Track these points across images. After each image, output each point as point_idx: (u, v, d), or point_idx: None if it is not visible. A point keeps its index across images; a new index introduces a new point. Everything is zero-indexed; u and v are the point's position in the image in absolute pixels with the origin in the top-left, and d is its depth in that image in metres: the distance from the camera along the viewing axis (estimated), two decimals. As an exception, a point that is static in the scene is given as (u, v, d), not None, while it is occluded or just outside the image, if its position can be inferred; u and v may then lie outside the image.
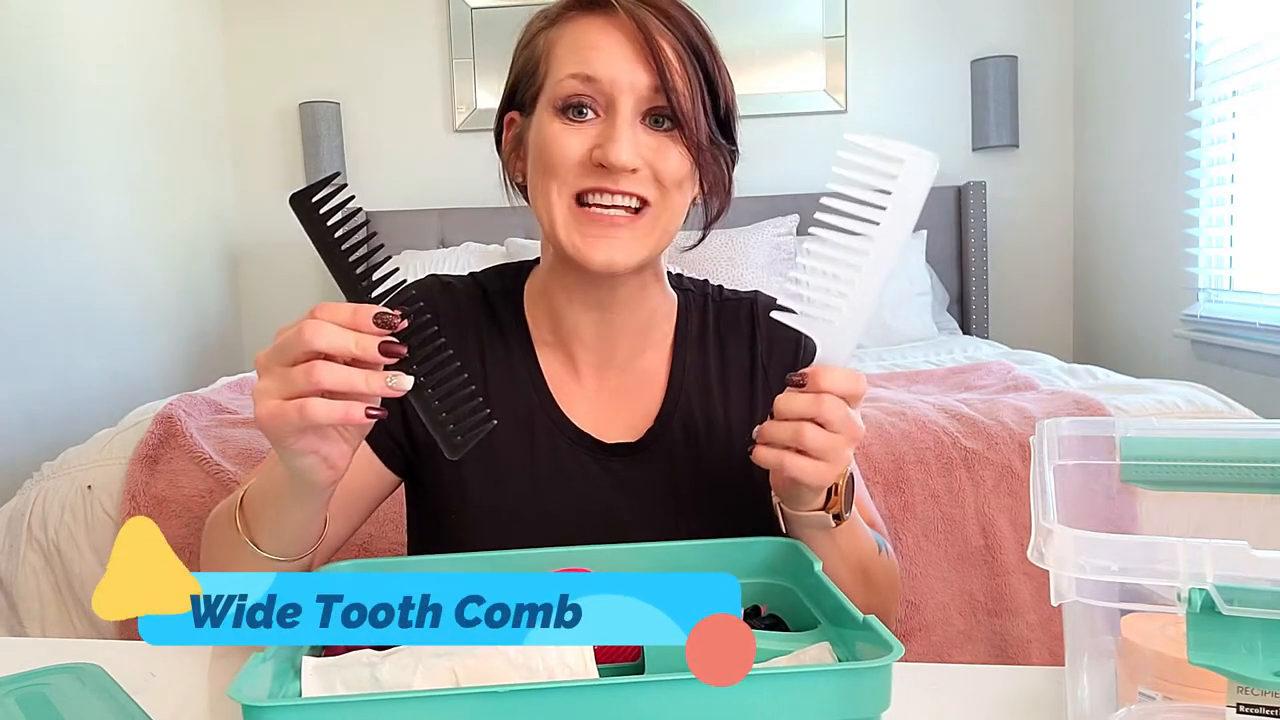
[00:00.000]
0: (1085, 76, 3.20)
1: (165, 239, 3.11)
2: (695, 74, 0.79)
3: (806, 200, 3.20)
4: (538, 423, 0.86)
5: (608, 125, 0.77)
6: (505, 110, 0.88)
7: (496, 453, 0.84)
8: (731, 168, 0.88)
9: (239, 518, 0.73)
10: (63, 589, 1.59)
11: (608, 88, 0.77)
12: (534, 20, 0.85)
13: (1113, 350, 3.03)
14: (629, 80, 0.77)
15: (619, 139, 0.76)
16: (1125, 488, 0.63)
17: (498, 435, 0.82)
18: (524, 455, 0.85)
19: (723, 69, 0.83)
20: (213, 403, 1.89)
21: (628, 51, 0.78)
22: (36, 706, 0.65)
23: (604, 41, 0.78)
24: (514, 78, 0.86)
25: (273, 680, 0.56)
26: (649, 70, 0.77)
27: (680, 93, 0.78)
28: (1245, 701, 0.46)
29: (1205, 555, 0.45)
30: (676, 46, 0.79)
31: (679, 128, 0.79)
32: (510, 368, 0.88)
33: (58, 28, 2.62)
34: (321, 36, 3.48)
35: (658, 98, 0.78)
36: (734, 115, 0.86)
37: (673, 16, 0.80)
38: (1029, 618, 1.51)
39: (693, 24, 0.81)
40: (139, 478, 1.58)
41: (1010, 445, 1.55)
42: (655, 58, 0.77)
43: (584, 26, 0.80)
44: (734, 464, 0.84)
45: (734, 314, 0.93)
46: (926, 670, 0.71)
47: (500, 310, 0.90)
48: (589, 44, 0.79)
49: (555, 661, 0.55)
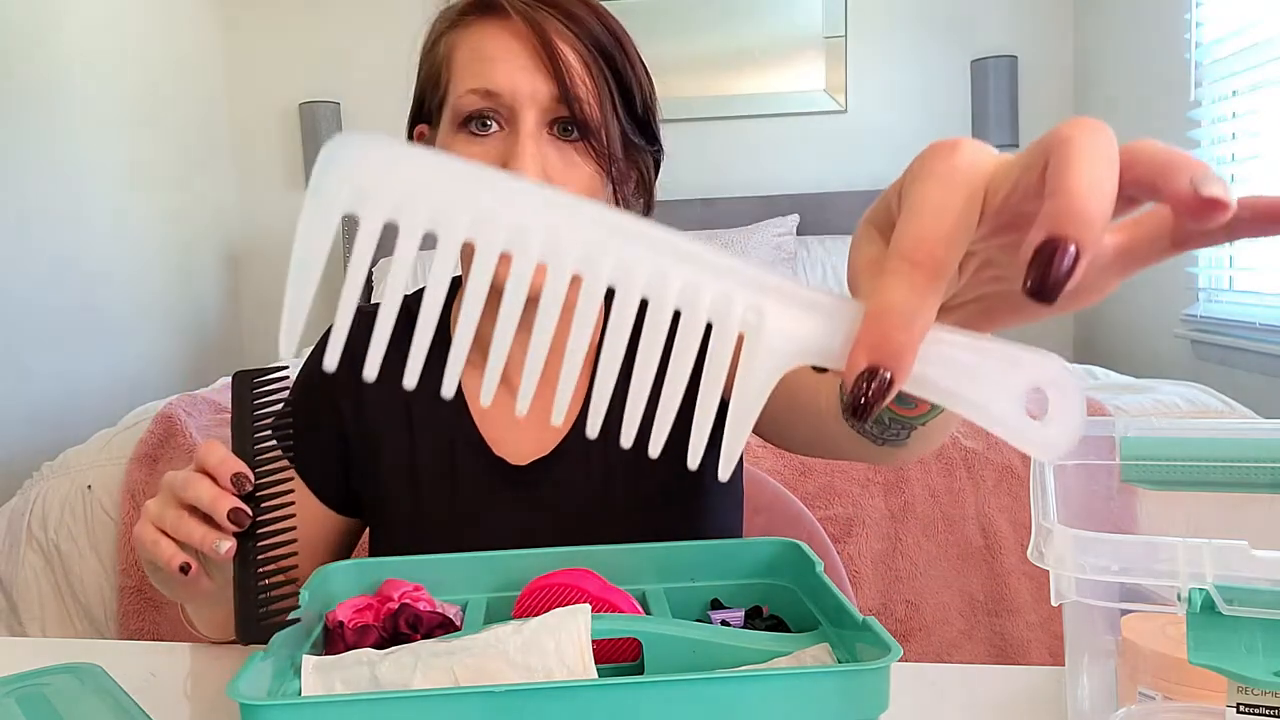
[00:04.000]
0: (1085, 77, 3.20)
1: (165, 239, 3.11)
2: (602, 76, 0.75)
3: (806, 200, 3.20)
4: (457, 444, 0.85)
5: (510, 140, 0.74)
6: (414, 122, 0.84)
7: (419, 472, 0.85)
8: (656, 169, 0.84)
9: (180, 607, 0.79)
10: (62, 589, 1.59)
11: (508, 100, 0.74)
12: (436, 20, 0.82)
13: (1113, 350, 3.03)
14: (529, 91, 0.73)
15: (520, 154, 0.72)
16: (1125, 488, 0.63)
17: (420, 454, 0.85)
18: (443, 475, 0.84)
19: (637, 65, 0.79)
20: (212, 402, 1.90)
21: (525, 60, 0.74)
22: (36, 707, 0.65)
23: (500, 51, 0.74)
24: (420, 87, 0.82)
25: (272, 679, 0.56)
26: (549, 78, 0.73)
27: (584, 100, 0.74)
28: (1245, 701, 0.46)
29: (1205, 555, 0.45)
30: (579, 48, 0.75)
31: (584, 138, 0.75)
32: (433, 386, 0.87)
33: (58, 27, 2.62)
34: (322, 37, 3.48)
35: (561, 107, 0.74)
36: (654, 113, 0.81)
37: (575, 15, 0.75)
38: (1029, 617, 1.51)
39: (599, 20, 0.76)
40: (139, 477, 1.58)
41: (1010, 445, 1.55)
42: (555, 64, 0.73)
43: (480, 34, 0.76)
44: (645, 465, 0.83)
45: None
46: (926, 670, 0.71)
47: None
48: (486, 54, 0.75)
49: (554, 661, 0.55)
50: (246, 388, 0.65)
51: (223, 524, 0.61)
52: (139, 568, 1.55)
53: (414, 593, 0.66)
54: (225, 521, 0.61)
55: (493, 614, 0.67)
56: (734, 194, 3.26)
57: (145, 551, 0.66)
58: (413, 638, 0.62)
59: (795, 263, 2.96)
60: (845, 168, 3.33)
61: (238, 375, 0.65)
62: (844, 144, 3.34)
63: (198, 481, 0.62)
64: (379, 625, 0.64)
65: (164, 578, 0.69)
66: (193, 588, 0.68)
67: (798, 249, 3.01)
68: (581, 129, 0.75)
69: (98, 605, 1.57)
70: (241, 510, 0.62)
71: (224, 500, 0.61)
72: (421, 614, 0.64)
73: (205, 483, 0.62)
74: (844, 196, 3.21)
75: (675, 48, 3.29)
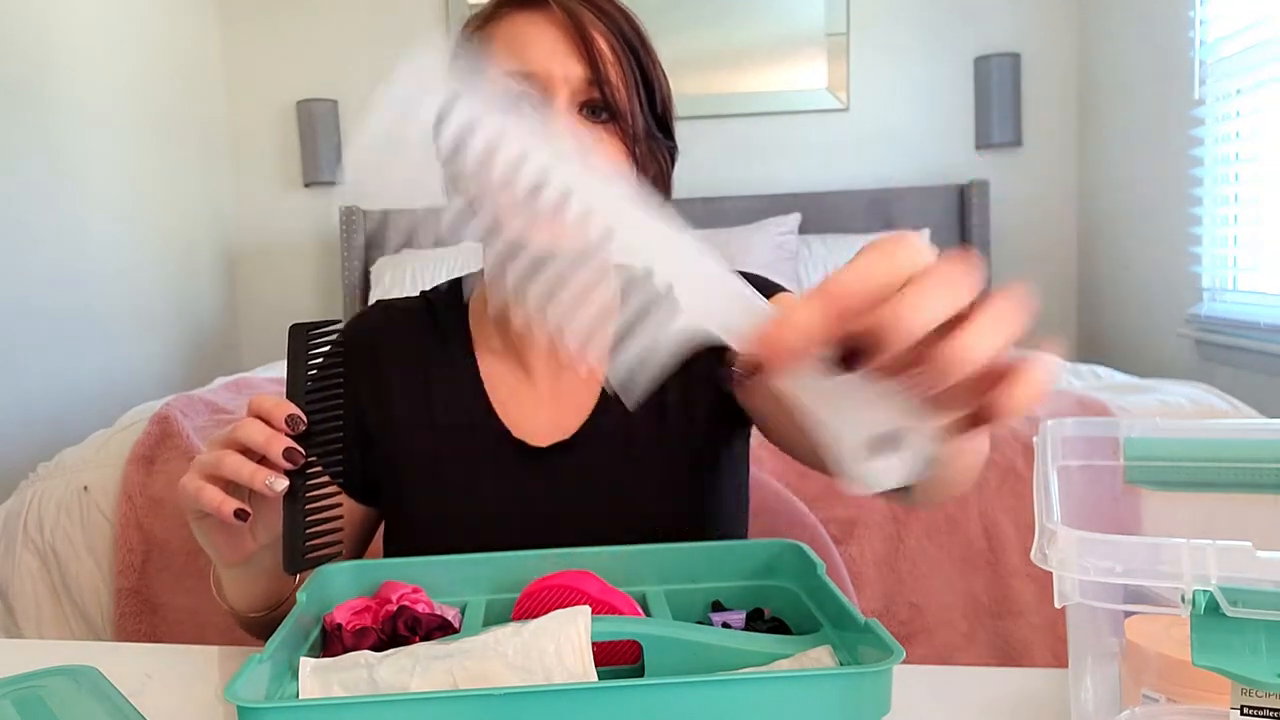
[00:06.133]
0: (1089, 74, 3.19)
1: (162, 238, 3.11)
2: (630, 67, 0.80)
3: (808, 199, 3.19)
4: (477, 430, 0.87)
5: None
6: None
7: (438, 461, 0.87)
8: (672, 164, 0.88)
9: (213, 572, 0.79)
10: (59, 590, 1.59)
11: (543, 81, 0.78)
12: (465, 28, 0.86)
13: (1117, 350, 3.03)
14: (563, 73, 0.78)
15: None
16: (1129, 489, 0.62)
17: (440, 440, 0.87)
18: (463, 463, 0.86)
19: (658, 65, 0.84)
20: (209, 403, 1.89)
21: (561, 45, 0.78)
22: (32, 709, 0.64)
23: (537, 36, 0.79)
24: None
25: (270, 681, 0.56)
26: (583, 62, 0.78)
27: (614, 85, 0.79)
28: (1249, 703, 0.45)
29: (1209, 556, 0.44)
30: (610, 39, 0.79)
31: (614, 119, 0.80)
32: (453, 378, 0.89)
33: (54, 26, 2.62)
34: (319, 35, 3.48)
35: (592, 90, 0.79)
36: (670, 112, 0.86)
37: (606, 11, 0.80)
38: (1032, 619, 1.50)
39: (626, 19, 0.82)
40: (135, 478, 1.58)
41: (1013, 446, 1.54)
42: (589, 50, 0.78)
43: (517, 23, 0.80)
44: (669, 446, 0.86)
45: None
46: (929, 672, 0.70)
47: (446, 323, 0.92)
48: (522, 40, 0.79)
49: (554, 664, 0.54)
50: (302, 339, 0.68)
51: (277, 462, 0.64)
52: (135, 569, 1.54)
53: (412, 595, 0.66)
54: (280, 459, 0.64)
55: (492, 616, 0.67)
56: (735, 192, 3.26)
57: (191, 501, 0.67)
58: (411, 640, 0.62)
59: (797, 261, 2.96)
60: (847, 166, 3.33)
61: (294, 327, 0.68)
62: (846, 142, 3.33)
63: (251, 424, 0.65)
64: (377, 627, 0.63)
65: (210, 534, 0.71)
66: (239, 545, 0.71)
67: (799, 248, 3.01)
68: (611, 111, 0.79)
69: (94, 607, 1.57)
70: (295, 449, 0.65)
71: (278, 440, 0.65)
72: (420, 616, 0.64)
73: (259, 424, 0.65)
74: (846, 195, 3.20)
75: (677, 45, 3.28)
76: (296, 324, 0.68)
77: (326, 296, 3.56)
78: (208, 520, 0.70)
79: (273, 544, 0.70)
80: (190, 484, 0.67)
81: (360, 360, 0.89)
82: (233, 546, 0.71)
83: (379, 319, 0.93)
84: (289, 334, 0.68)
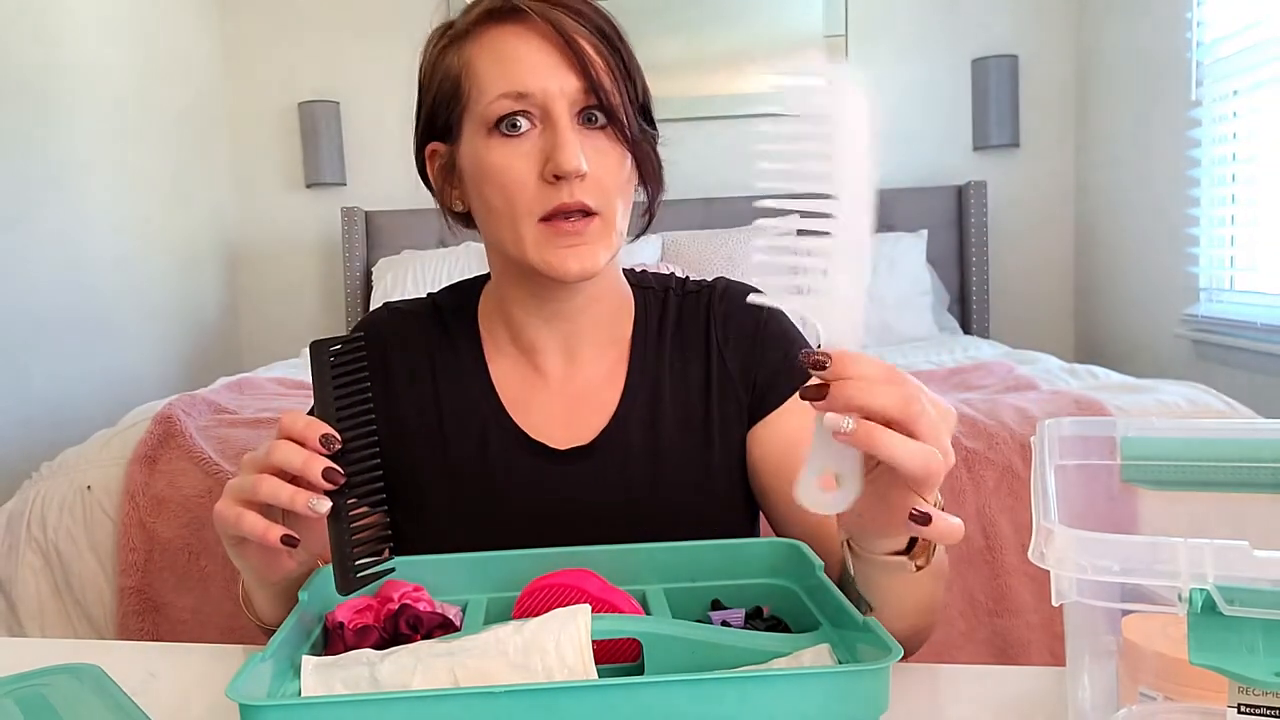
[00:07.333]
0: (1086, 76, 3.20)
1: (164, 238, 3.11)
2: (616, 66, 0.79)
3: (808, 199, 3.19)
4: (490, 433, 0.86)
5: (549, 134, 0.77)
6: (424, 142, 0.86)
7: (452, 464, 0.86)
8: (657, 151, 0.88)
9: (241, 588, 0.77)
10: (62, 589, 1.59)
11: (541, 99, 0.77)
12: (432, 41, 0.84)
13: (1114, 350, 3.03)
14: (559, 87, 0.77)
15: (566, 146, 0.76)
16: (1126, 488, 0.63)
17: (454, 445, 0.87)
18: (478, 466, 0.86)
19: (633, 55, 0.83)
20: (211, 403, 1.89)
21: (550, 58, 0.77)
22: (35, 707, 0.64)
23: (525, 52, 0.77)
24: (429, 106, 0.84)
25: (272, 680, 0.56)
26: (576, 73, 0.77)
27: (609, 90, 0.78)
28: (1246, 702, 0.46)
29: (1206, 555, 0.44)
30: (593, 41, 0.78)
31: (611, 123, 0.79)
32: (462, 381, 0.89)
33: (56, 26, 2.62)
34: (321, 36, 3.48)
35: (589, 98, 0.78)
36: (650, 99, 0.85)
37: (582, 12, 0.79)
38: (1030, 618, 1.51)
39: (598, 13, 0.80)
40: (138, 478, 1.58)
41: (1011, 445, 1.54)
42: (580, 60, 0.77)
43: (499, 39, 0.78)
44: (689, 456, 0.86)
45: (694, 305, 0.91)
46: (927, 671, 0.71)
47: (454, 326, 0.91)
48: (511, 57, 0.77)
49: (554, 662, 0.55)
50: (324, 355, 0.65)
51: (316, 483, 0.61)
52: (138, 568, 1.55)
53: (414, 593, 0.66)
54: (319, 480, 0.61)
55: (493, 614, 0.67)
56: (734, 194, 3.26)
57: (231, 528, 0.64)
58: (413, 638, 0.62)
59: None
60: (846, 167, 3.33)
61: (314, 344, 0.66)
62: (844, 144, 3.34)
63: (285, 446, 0.63)
64: (379, 626, 0.64)
65: (248, 558, 0.68)
66: (278, 566, 0.68)
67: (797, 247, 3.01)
68: (608, 115, 0.79)
69: (97, 606, 1.57)
70: (334, 469, 0.62)
71: (316, 461, 0.62)
72: (421, 614, 0.64)
73: (292, 446, 0.62)
74: (845, 196, 3.20)
75: (676, 47, 3.28)
76: (317, 340, 0.66)
77: (328, 297, 3.56)
78: (246, 545, 0.67)
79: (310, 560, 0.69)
80: (228, 511, 0.64)
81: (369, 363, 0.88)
82: (273, 568, 0.69)
83: (386, 321, 0.92)
84: (310, 351, 0.66)
